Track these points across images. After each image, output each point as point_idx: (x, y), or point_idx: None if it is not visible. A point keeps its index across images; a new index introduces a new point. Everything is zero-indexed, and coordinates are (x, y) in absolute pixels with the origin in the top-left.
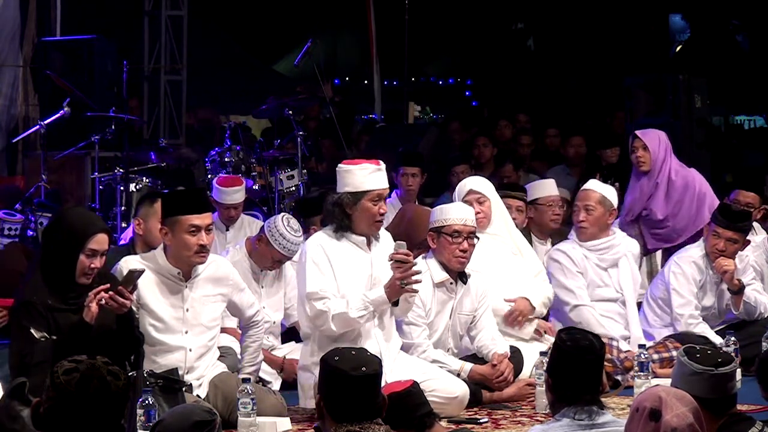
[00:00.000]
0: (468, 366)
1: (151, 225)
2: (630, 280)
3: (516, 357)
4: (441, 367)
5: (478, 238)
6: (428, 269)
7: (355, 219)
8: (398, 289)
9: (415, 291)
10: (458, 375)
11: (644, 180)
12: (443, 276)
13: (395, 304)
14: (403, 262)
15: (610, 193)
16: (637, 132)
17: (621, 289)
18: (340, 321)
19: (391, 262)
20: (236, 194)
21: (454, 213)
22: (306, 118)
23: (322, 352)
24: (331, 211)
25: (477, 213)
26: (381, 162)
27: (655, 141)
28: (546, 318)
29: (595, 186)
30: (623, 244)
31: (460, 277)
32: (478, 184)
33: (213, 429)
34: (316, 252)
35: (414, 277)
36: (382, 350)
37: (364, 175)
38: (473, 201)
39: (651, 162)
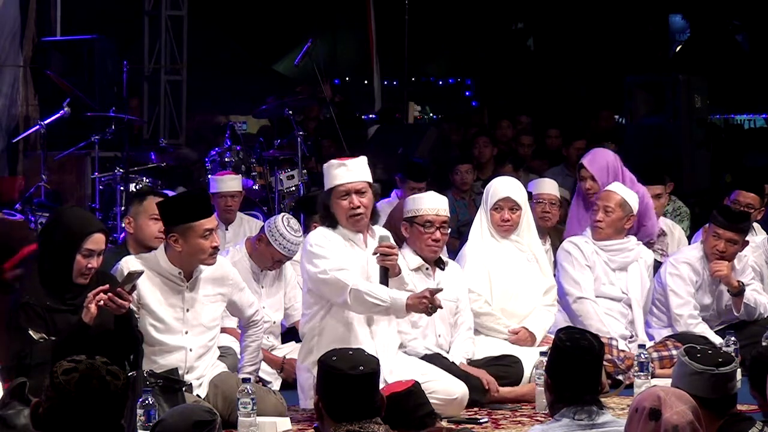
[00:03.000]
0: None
1: (142, 223)
2: (638, 285)
3: (515, 368)
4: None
5: (450, 228)
6: (403, 258)
7: (337, 216)
8: (421, 308)
9: (435, 312)
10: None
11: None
12: (418, 262)
13: None
14: (387, 255)
15: (631, 198)
16: (584, 161)
17: (627, 291)
18: (356, 297)
19: (377, 255)
20: (232, 182)
21: (426, 203)
22: (306, 118)
23: (320, 353)
24: (320, 210)
25: (506, 221)
26: (354, 158)
27: (603, 171)
28: None
29: (619, 189)
30: (636, 251)
31: (437, 264)
32: (516, 192)
33: (213, 429)
34: (321, 240)
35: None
36: (381, 350)
37: (330, 172)
38: (506, 207)
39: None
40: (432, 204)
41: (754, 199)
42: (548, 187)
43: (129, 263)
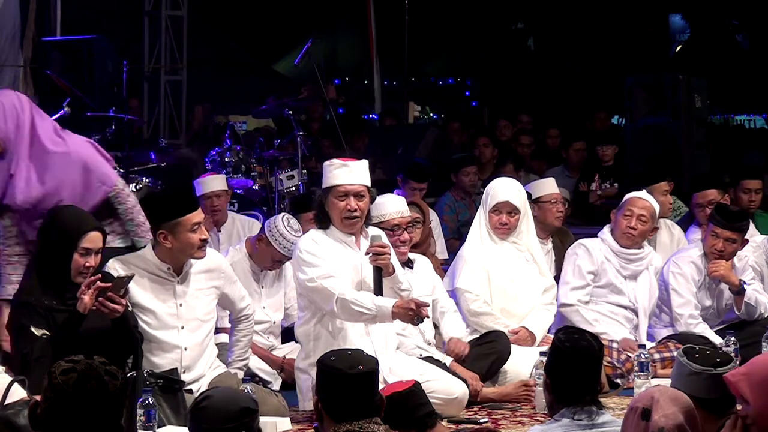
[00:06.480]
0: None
1: None
2: (647, 294)
3: (500, 341)
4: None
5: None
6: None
7: (331, 216)
8: (407, 317)
9: (421, 322)
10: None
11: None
12: None
13: None
14: (379, 255)
15: (657, 208)
16: None
17: (635, 300)
18: (343, 306)
19: (369, 255)
20: (215, 181)
21: (390, 207)
22: (309, 119)
23: (318, 354)
24: (315, 209)
25: (504, 224)
26: (359, 161)
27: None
28: None
29: (650, 198)
30: (647, 258)
31: (406, 264)
32: (516, 196)
33: (255, 419)
34: (310, 244)
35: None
36: (379, 350)
37: (330, 171)
38: (504, 211)
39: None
40: (395, 207)
41: (761, 183)
42: (551, 186)
43: (114, 266)
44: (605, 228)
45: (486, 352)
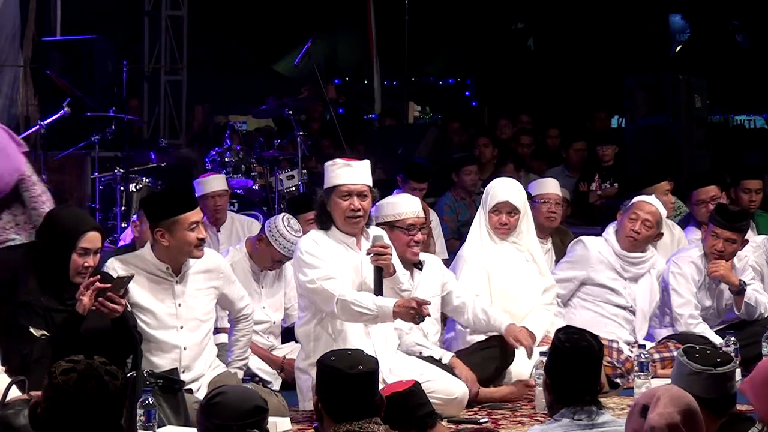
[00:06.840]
0: (449, 354)
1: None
2: (647, 297)
3: (506, 345)
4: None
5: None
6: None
7: (334, 216)
8: (408, 316)
9: (422, 320)
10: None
11: None
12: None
13: None
14: (381, 255)
15: (664, 214)
16: None
17: (635, 303)
18: (343, 307)
19: (370, 255)
20: (216, 181)
21: (406, 207)
22: (309, 119)
23: (318, 354)
24: (317, 210)
25: (504, 224)
26: (361, 160)
27: None
28: None
29: (657, 204)
30: (650, 261)
31: (415, 265)
32: (515, 196)
33: (265, 417)
34: (311, 245)
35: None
36: (379, 350)
37: (333, 171)
38: (503, 211)
39: None
40: (411, 207)
41: (761, 183)
42: (552, 186)
43: (113, 265)
44: (609, 228)
45: (490, 356)
